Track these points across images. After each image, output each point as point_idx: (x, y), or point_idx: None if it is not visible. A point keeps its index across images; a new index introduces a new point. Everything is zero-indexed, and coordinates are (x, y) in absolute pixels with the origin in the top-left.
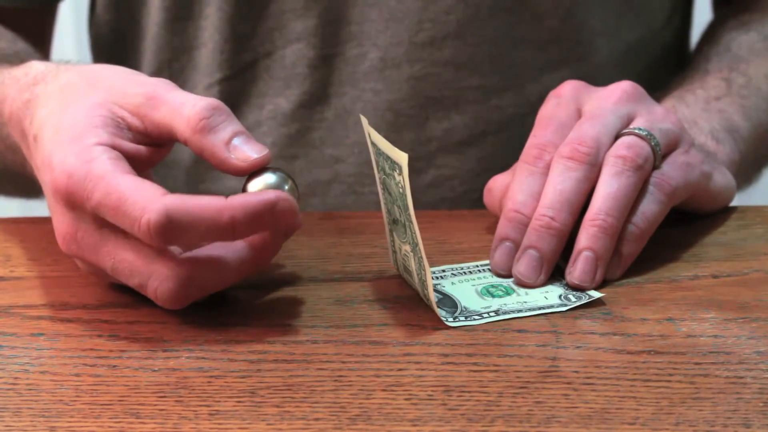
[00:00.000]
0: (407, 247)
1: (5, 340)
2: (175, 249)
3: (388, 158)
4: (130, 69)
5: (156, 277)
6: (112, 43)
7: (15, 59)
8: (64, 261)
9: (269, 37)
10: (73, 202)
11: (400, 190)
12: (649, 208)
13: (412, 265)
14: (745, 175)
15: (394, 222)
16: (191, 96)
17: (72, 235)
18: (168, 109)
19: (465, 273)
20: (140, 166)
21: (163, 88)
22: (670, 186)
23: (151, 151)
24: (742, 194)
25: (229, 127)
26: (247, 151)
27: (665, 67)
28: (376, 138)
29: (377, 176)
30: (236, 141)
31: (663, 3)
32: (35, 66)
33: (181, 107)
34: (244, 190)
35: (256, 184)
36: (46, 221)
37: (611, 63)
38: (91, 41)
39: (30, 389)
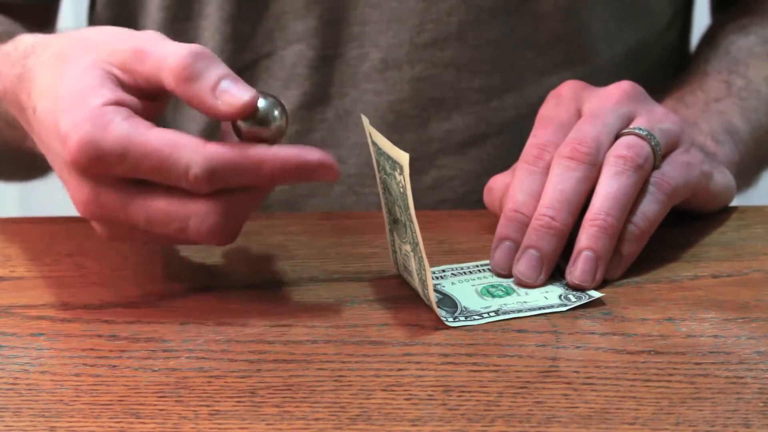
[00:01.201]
0: (407, 247)
1: (5, 340)
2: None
3: (389, 158)
4: (119, 27)
5: (196, 216)
6: None
7: (4, 36)
8: (64, 261)
9: (269, 38)
10: (94, 170)
11: (401, 189)
12: (650, 207)
13: (413, 265)
14: (745, 177)
15: (395, 222)
16: (176, 45)
17: (94, 201)
18: (153, 62)
19: (465, 273)
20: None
21: (149, 41)
22: (670, 186)
23: (149, 105)
24: (742, 194)
25: (213, 71)
26: (234, 93)
27: (666, 69)
28: (377, 137)
29: (378, 176)
30: (223, 84)
31: (664, 6)
32: (24, 39)
33: (164, 58)
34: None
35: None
36: (46, 221)
37: (612, 65)
38: None
39: (30, 389)
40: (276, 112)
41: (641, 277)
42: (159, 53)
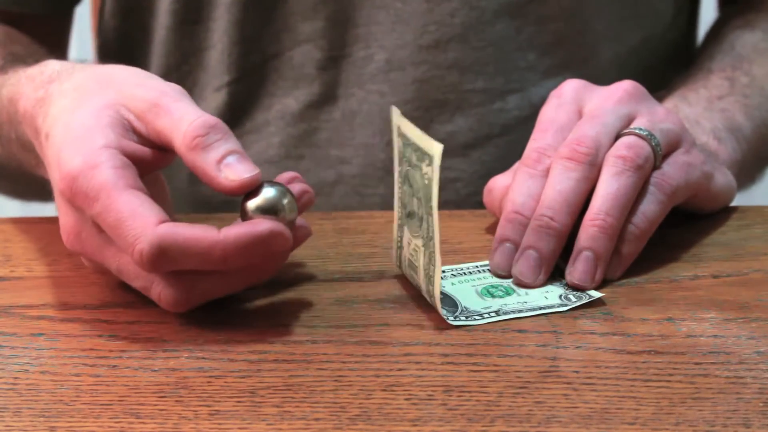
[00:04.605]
0: (418, 242)
1: (5, 340)
2: None
3: (417, 148)
4: (144, 71)
5: (159, 282)
6: (120, 49)
7: (30, 60)
8: (64, 261)
9: (277, 39)
10: (76, 204)
11: (425, 181)
12: (650, 208)
13: (420, 260)
14: (748, 174)
15: (409, 215)
16: (193, 110)
17: (77, 234)
18: (168, 121)
19: (465, 273)
20: (147, 167)
21: (170, 96)
22: (670, 186)
23: (157, 155)
24: (743, 194)
25: (223, 146)
26: (238, 170)
27: (670, 66)
28: (406, 128)
29: (397, 169)
30: (229, 159)
31: (667, 5)
32: (51, 65)
33: (180, 121)
34: (242, 204)
35: (254, 200)
36: (46, 221)
37: (615, 66)
38: (97, 47)
39: (30, 389)
40: (284, 202)
41: (641, 277)
42: (177, 115)
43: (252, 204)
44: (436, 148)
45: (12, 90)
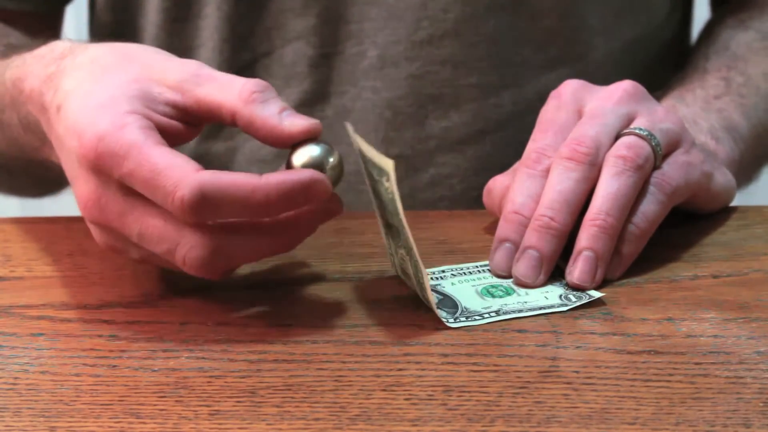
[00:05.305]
0: (402, 251)
1: (5, 340)
2: None
3: (374, 165)
4: (161, 50)
5: (185, 244)
6: None
7: (34, 46)
8: (64, 261)
9: (268, 37)
10: (101, 167)
11: (390, 195)
12: (650, 208)
13: (409, 269)
14: (745, 174)
15: (388, 226)
16: (237, 77)
17: (95, 201)
18: (216, 85)
19: (465, 273)
20: (171, 142)
21: (208, 67)
22: (670, 186)
23: (183, 129)
24: (743, 194)
25: (280, 101)
26: (299, 119)
27: (664, 64)
28: (362, 145)
29: (367, 182)
30: (286, 113)
31: (662, 0)
32: (60, 43)
33: (230, 84)
34: (288, 161)
35: (300, 156)
36: (46, 221)
37: (610, 61)
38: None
39: (30, 389)
40: (331, 159)
41: (641, 277)
42: (224, 79)
43: (298, 157)
44: (389, 165)
45: (17, 72)
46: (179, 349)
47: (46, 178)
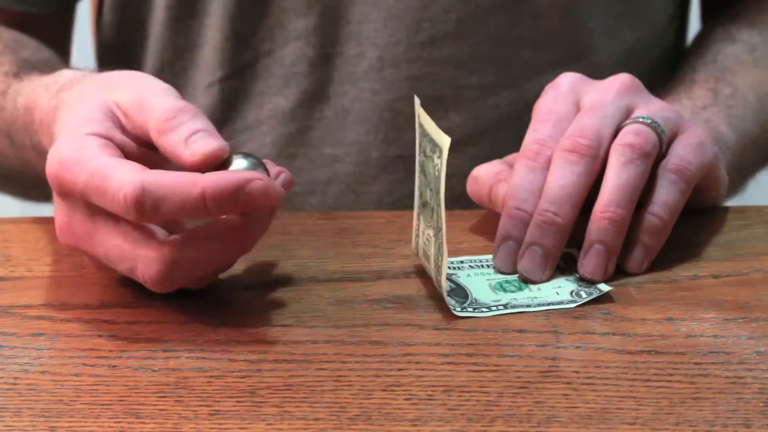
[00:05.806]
0: (430, 232)
1: (5, 340)
2: (162, 233)
3: (431, 140)
4: (146, 75)
5: (142, 261)
6: (117, 45)
7: (46, 68)
8: (64, 261)
9: (269, 36)
10: (64, 189)
11: (436, 173)
12: (671, 197)
13: (432, 250)
14: (731, 185)
15: (424, 205)
16: (168, 100)
17: (67, 225)
18: (146, 113)
19: (483, 266)
20: (146, 165)
21: (153, 93)
22: (690, 171)
23: (147, 152)
24: (743, 194)
25: (191, 125)
26: (203, 143)
27: (665, 68)
28: (423, 119)
29: (417, 158)
30: (195, 137)
31: (665, 4)
32: (65, 74)
33: (153, 111)
34: None
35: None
36: (46, 221)
37: (611, 64)
38: (96, 45)
39: (30, 389)
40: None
41: (641, 277)
42: (152, 106)
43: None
44: (445, 141)
45: (28, 99)
46: (179, 349)
47: None
